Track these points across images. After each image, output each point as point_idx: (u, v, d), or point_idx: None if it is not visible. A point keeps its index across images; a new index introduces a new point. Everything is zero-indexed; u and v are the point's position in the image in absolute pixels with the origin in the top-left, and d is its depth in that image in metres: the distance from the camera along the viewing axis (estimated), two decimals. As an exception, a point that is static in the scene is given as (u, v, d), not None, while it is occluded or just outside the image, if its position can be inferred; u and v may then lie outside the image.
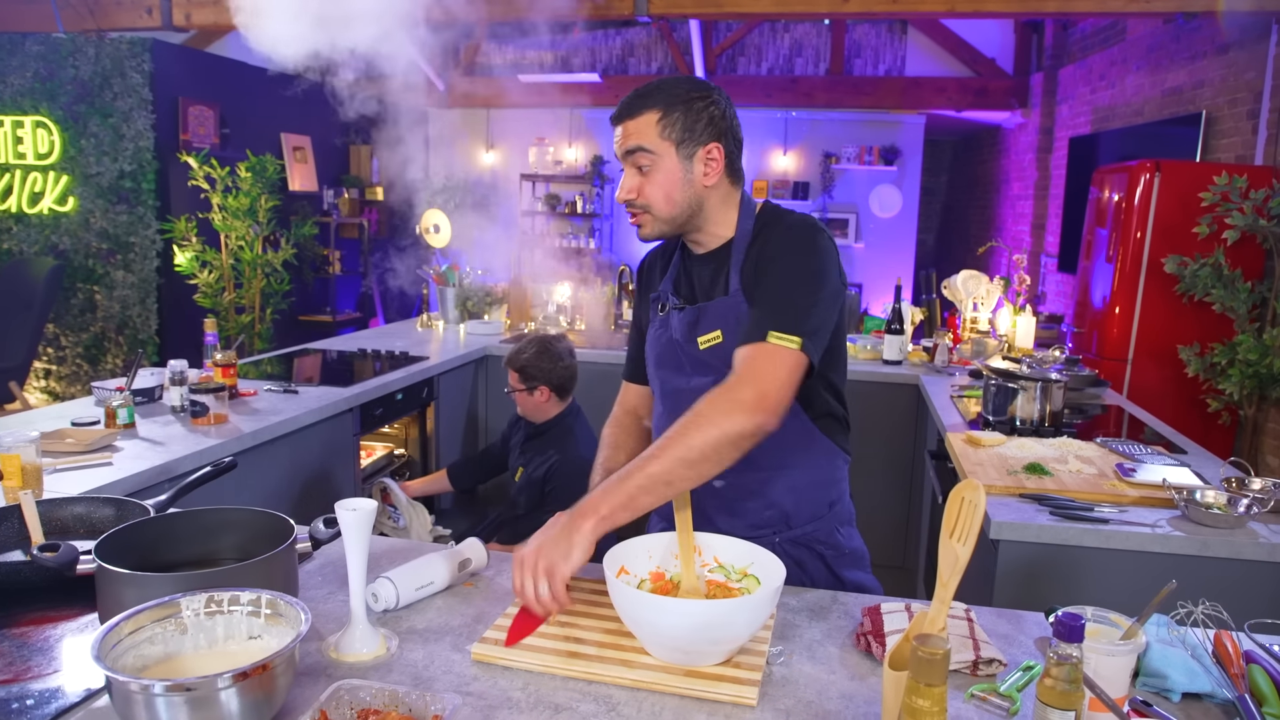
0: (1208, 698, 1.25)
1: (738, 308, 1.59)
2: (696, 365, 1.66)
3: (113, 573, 1.23)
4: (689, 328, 1.66)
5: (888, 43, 9.00)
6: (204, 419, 2.68)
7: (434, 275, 5.10)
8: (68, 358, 6.40)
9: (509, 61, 9.64)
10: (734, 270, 1.62)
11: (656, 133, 1.56)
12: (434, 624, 1.39)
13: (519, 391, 3.22)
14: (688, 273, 1.73)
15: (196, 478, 1.79)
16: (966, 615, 1.40)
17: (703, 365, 1.64)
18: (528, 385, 3.19)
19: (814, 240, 1.56)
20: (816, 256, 1.54)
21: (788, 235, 1.58)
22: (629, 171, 1.60)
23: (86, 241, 6.16)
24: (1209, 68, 5.46)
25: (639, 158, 1.57)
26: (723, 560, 1.43)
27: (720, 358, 1.58)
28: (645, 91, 1.58)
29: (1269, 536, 2.02)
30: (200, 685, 1.00)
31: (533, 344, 3.24)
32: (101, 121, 6.01)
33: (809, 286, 1.52)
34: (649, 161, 1.57)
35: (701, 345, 1.63)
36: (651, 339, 1.77)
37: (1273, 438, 4.60)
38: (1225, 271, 4.44)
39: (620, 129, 1.59)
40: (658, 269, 1.82)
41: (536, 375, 3.18)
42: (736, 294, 1.60)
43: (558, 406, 3.26)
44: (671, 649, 1.24)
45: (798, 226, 1.60)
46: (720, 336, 1.61)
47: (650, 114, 1.56)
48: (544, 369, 3.18)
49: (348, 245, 8.27)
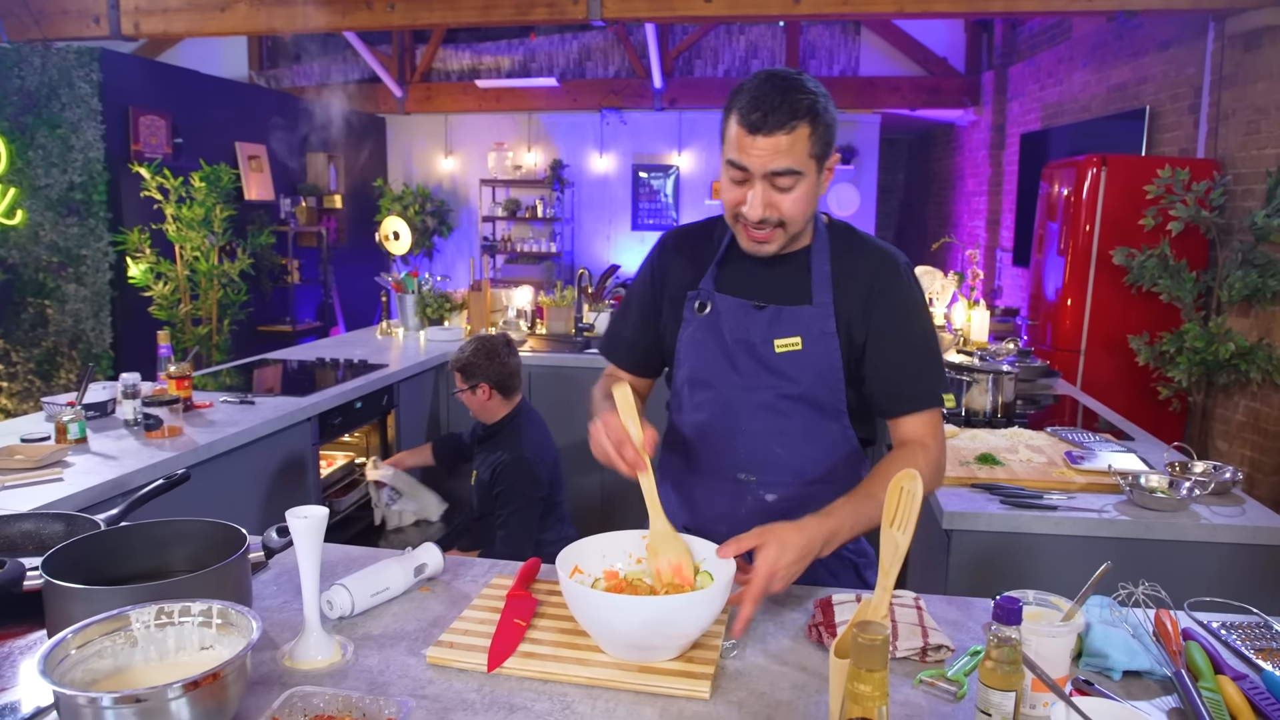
0: (1147, 675, 1.29)
1: (821, 321, 1.57)
2: (765, 370, 1.59)
3: (60, 588, 1.22)
4: (768, 327, 1.59)
5: (842, 43, 9.09)
6: (158, 432, 2.66)
7: (393, 282, 5.07)
8: (19, 374, 6.28)
9: (466, 67, 9.61)
10: (819, 284, 1.58)
11: (807, 150, 1.44)
12: (390, 629, 1.39)
13: (463, 392, 3.25)
14: (742, 272, 1.63)
15: (148, 491, 1.77)
16: (916, 604, 1.43)
17: (773, 371, 1.59)
18: (469, 384, 3.21)
19: (919, 284, 1.64)
20: (925, 301, 1.64)
21: (907, 285, 1.59)
22: (762, 187, 1.46)
23: (36, 255, 6.05)
24: (1151, 64, 5.59)
25: (784, 179, 1.45)
26: None
27: (795, 366, 1.58)
28: (792, 98, 1.41)
29: (1210, 518, 2.08)
30: (150, 696, 1.00)
31: (471, 343, 3.28)
32: (49, 133, 5.91)
33: (937, 339, 1.65)
34: (792, 182, 1.46)
35: (778, 349, 1.58)
36: (693, 339, 1.66)
37: (1221, 423, 4.71)
38: (1171, 262, 4.55)
39: (768, 142, 1.42)
40: (683, 262, 1.70)
41: (476, 373, 3.20)
42: (825, 307, 1.57)
43: (504, 406, 3.26)
44: (625, 646, 1.25)
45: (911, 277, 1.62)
46: (800, 344, 1.57)
47: (803, 128, 1.43)
48: (482, 366, 3.20)
49: (306, 254, 8.20)
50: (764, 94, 1.42)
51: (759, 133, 1.42)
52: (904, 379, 1.59)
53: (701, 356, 1.64)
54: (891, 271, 1.59)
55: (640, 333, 1.76)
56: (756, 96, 1.42)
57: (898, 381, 1.59)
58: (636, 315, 1.76)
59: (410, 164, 10.16)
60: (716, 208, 4.67)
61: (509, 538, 3.10)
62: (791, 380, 1.58)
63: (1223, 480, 2.21)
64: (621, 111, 9.46)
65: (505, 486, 3.11)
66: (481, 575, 1.60)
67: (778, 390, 1.59)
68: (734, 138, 1.46)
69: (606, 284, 5.41)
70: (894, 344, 1.58)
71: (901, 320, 1.58)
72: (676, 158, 9.70)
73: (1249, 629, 1.42)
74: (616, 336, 1.82)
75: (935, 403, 1.59)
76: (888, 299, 1.57)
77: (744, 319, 1.60)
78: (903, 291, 1.59)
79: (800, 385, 1.58)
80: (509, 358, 3.25)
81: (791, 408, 1.60)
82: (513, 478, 3.10)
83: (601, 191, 9.91)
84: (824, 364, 1.58)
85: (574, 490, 4.21)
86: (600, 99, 9.22)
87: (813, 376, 1.58)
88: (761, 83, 1.44)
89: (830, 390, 1.59)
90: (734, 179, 1.49)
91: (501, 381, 3.22)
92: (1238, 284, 4.27)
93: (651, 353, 1.77)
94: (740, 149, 1.45)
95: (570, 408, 4.32)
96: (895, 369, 1.59)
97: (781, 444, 1.62)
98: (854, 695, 0.95)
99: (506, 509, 3.11)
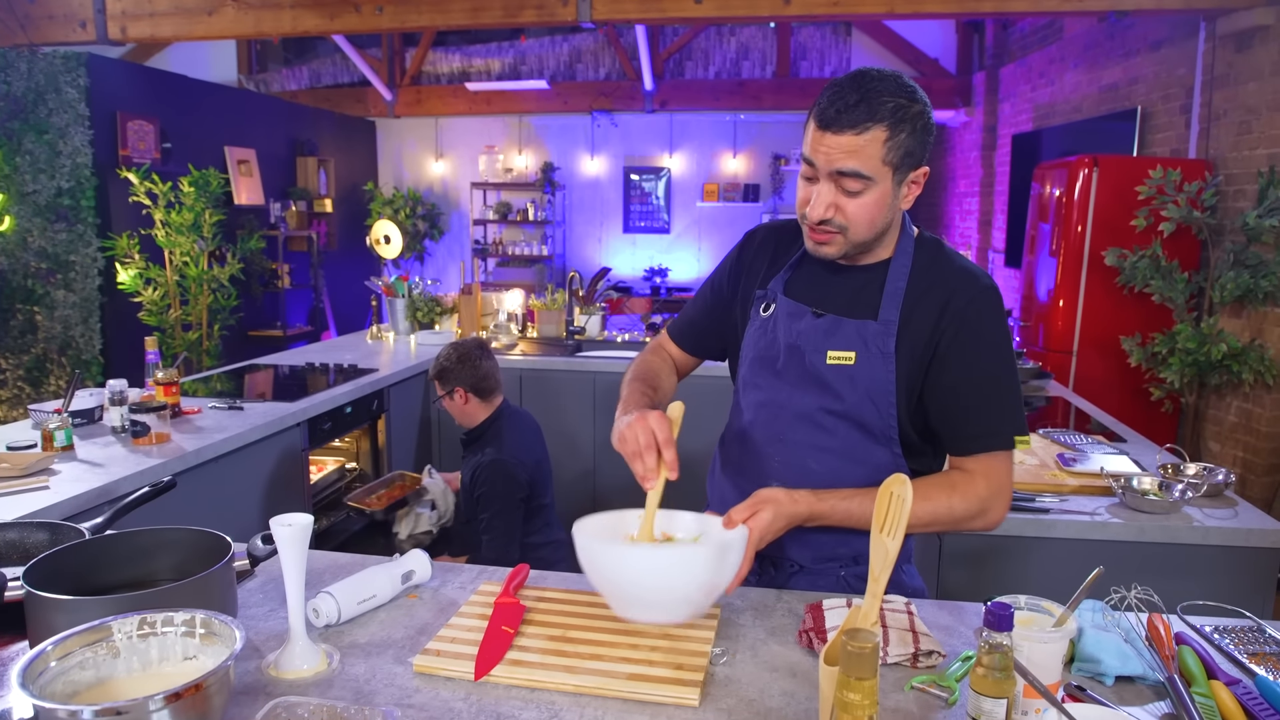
0: (1140, 680, 1.28)
1: (881, 339, 1.48)
2: (811, 380, 1.53)
3: (41, 598, 1.21)
4: (823, 337, 1.52)
5: (833, 45, 9.10)
6: (145, 439, 2.64)
7: (383, 286, 5.06)
8: (8, 381, 6.25)
9: (456, 70, 9.59)
10: (889, 300, 1.50)
11: (880, 155, 1.38)
12: (376, 637, 1.38)
13: (442, 398, 3.24)
14: (813, 277, 1.59)
15: (134, 499, 1.76)
16: (907, 608, 1.42)
17: (819, 383, 1.52)
18: (446, 390, 3.20)
19: (1002, 315, 1.51)
20: (1007, 334, 1.51)
21: (985, 315, 1.47)
22: (828, 187, 1.41)
23: (25, 261, 6.02)
24: (1143, 64, 5.60)
25: (851, 182, 1.40)
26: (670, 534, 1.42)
27: (843, 381, 1.50)
28: (873, 98, 1.36)
29: (1203, 520, 2.08)
30: (131, 708, 0.98)
31: (445, 349, 3.26)
32: (37, 138, 5.88)
33: (1016, 374, 1.51)
34: (860, 186, 1.40)
35: (830, 360, 1.51)
36: (751, 340, 1.62)
37: (1213, 424, 4.72)
38: (1163, 263, 4.55)
39: (837, 140, 1.37)
40: (764, 259, 1.66)
41: (451, 379, 3.19)
42: (889, 326, 1.48)
43: (484, 409, 3.25)
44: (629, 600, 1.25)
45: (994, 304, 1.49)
46: (854, 359, 1.49)
47: (878, 130, 1.37)
48: (456, 371, 3.18)
49: (297, 258, 8.17)
50: (844, 91, 1.37)
51: (829, 129, 1.38)
52: (971, 417, 1.48)
53: (756, 357, 1.61)
54: (970, 294, 1.47)
55: (703, 314, 1.77)
56: (837, 92, 1.38)
57: (963, 417, 1.49)
58: (705, 297, 1.76)
59: (401, 167, 10.14)
60: (708, 209, 4.69)
61: (493, 541, 3.09)
62: (837, 395, 1.51)
63: (1215, 482, 2.21)
64: (612, 114, 9.46)
65: (484, 489, 3.10)
66: (469, 582, 1.59)
67: (822, 404, 1.52)
68: (809, 133, 1.43)
69: (598, 287, 5.40)
70: (963, 375, 1.47)
71: (974, 349, 1.47)
72: (668, 160, 9.70)
73: (1242, 633, 1.41)
74: (683, 312, 1.83)
75: (1001, 445, 1.47)
76: (960, 324, 1.46)
77: (799, 324, 1.55)
78: (979, 317, 1.47)
79: (846, 402, 1.50)
80: (483, 360, 3.23)
81: (835, 424, 1.53)
82: (490, 480, 3.09)
83: (593, 194, 9.90)
84: (875, 383, 1.49)
85: (566, 493, 4.20)
86: (591, 101, 9.21)
87: (861, 394, 1.50)
88: (848, 78, 1.40)
89: (879, 412, 1.50)
90: (804, 175, 1.46)
91: (477, 385, 3.20)
92: (1230, 285, 4.27)
93: (704, 337, 1.77)
94: (811, 144, 1.41)
95: (561, 411, 4.30)
96: (961, 403, 1.48)
97: (818, 460, 1.54)
98: (844, 704, 0.95)
99: (487, 512, 3.09)
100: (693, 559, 1.24)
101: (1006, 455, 1.49)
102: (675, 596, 1.24)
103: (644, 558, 1.25)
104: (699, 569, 1.23)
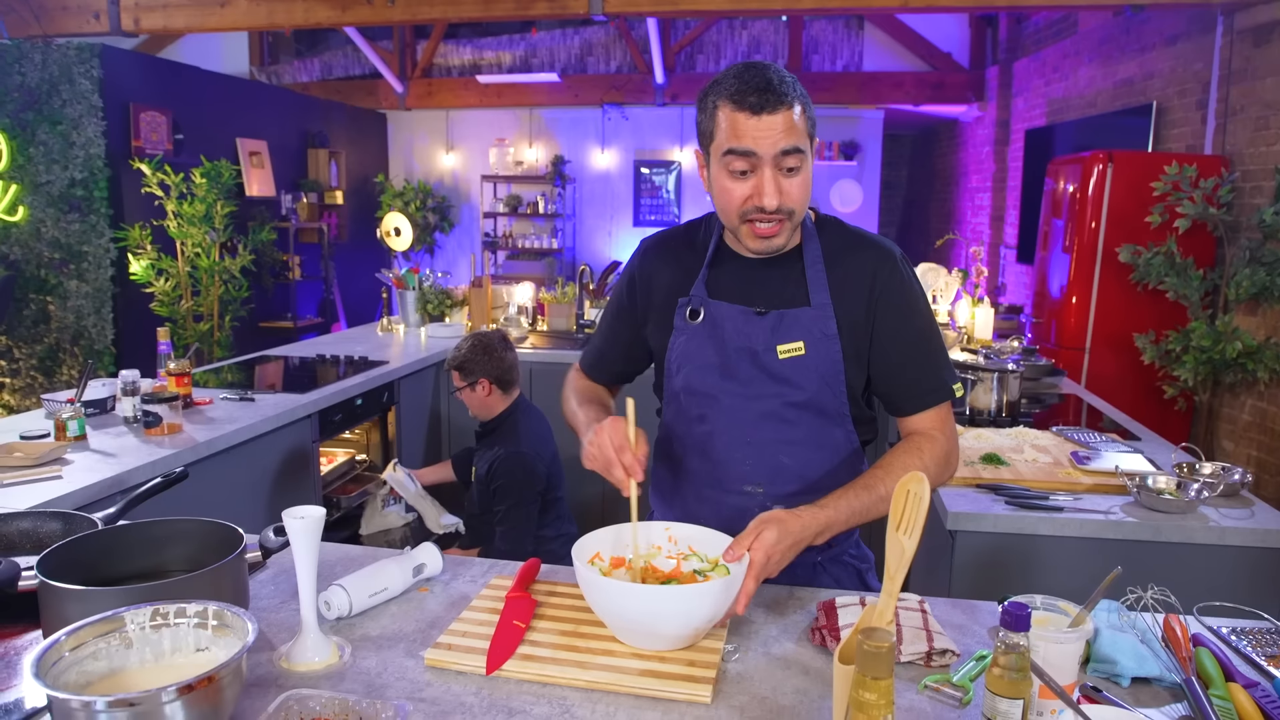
0: (1156, 681, 1.27)
1: (822, 323, 1.52)
2: (767, 377, 1.54)
3: (55, 588, 1.21)
4: (769, 333, 1.53)
5: (845, 38, 9.06)
6: (157, 429, 2.64)
7: (393, 279, 5.05)
8: (21, 370, 6.28)
9: (467, 63, 9.58)
10: (814, 284, 1.53)
11: (805, 129, 1.41)
12: (388, 630, 1.38)
13: (463, 390, 3.24)
14: (732, 277, 1.59)
15: (147, 489, 1.76)
16: (920, 607, 1.41)
17: (776, 378, 1.54)
18: (469, 381, 3.21)
19: (916, 276, 1.60)
20: (924, 292, 1.59)
21: (907, 279, 1.55)
22: (773, 174, 1.41)
23: (38, 251, 6.05)
24: (1158, 59, 5.56)
25: (793, 159, 1.41)
26: (697, 549, 1.44)
27: (799, 371, 1.53)
28: (783, 79, 1.39)
29: (1219, 520, 2.06)
30: (144, 700, 0.98)
31: (467, 340, 3.28)
32: (50, 129, 5.90)
33: (937, 326, 1.60)
34: (799, 162, 1.42)
35: (782, 355, 1.53)
36: (687, 348, 1.60)
37: (1227, 422, 4.69)
38: (1177, 260, 4.52)
39: (774, 120, 1.38)
40: (667, 269, 1.65)
41: (475, 370, 3.20)
42: (824, 309, 1.52)
43: (503, 401, 3.26)
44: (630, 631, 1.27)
45: (909, 269, 1.57)
46: (803, 349, 1.52)
47: (799, 105, 1.40)
48: (481, 362, 3.19)
49: (308, 250, 8.19)
50: (750, 77, 1.39)
51: (763, 112, 1.37)
52: (916, 376, 1.56)
53: (698, 365, 1.59)
54: (891, 267, 1.54)
55: (610, 344, 1.77)
56: (744, 80, 1.39)
57: (909, 379, 1.56)
58: (608, 324, 1.77)
59: (411, 160, 10.14)
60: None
61: (508, 533, 3.10)
62: (796, 387, 1.54)
63: (1231, 482, 2.19)
64: (623, 107, 9.44)
65: (502, 481, 3.10)
66: (480, 575, 1.58)
67: (783, 398, 1.55)
68: (730, 126, 1.40)
69: (608, 280, 5.39)
70: (901, 342, 1.55)
71: (906, 317, 1.55)
72: (679, 153, 9.67)
73: (1260, 635, 1.40)
74: (590, 346, 1.83)
75: (947, 396, 1.57)
76: (890, 296, 1.53)
77: (745, 326, 1.55)
78: (903, 287, 1.55)
79: (805, 391, 1.54)
80: (505, 352, 3.24)
81: (797, 415, 1.55)
82: (509, 472, 3.09)
83: (603, 187, 9.88)
84: (827, 367, 1.53)
85: (576, 489, 4.20)
86: (602, 94, 9.19)
87: (817, 381, 1.54)
88: (741, 70, 1.41)
89: (834, 394, 1.55)
90: (737, 170, 1.43)
91: (500, 376, 3.22)
92: (1245, 282, 4.24)
93: (618, 362, 1.77)
94: (742, 134, 1.39)
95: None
96: (905, 367, 1.56)
97: (788, 453, 1.57)
98: (859, 704, 0.94)
99: (504, 504, 3.10)
100: (695, 597, 1.24)
101: (949, 405, 1.59)
102: (674, 631, 1.25)
103: (645, 597, 1.26)
104: (702, 606, 1.24)
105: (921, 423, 1.57)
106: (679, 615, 1.23)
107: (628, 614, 1.26)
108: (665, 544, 1.46)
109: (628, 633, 1.28)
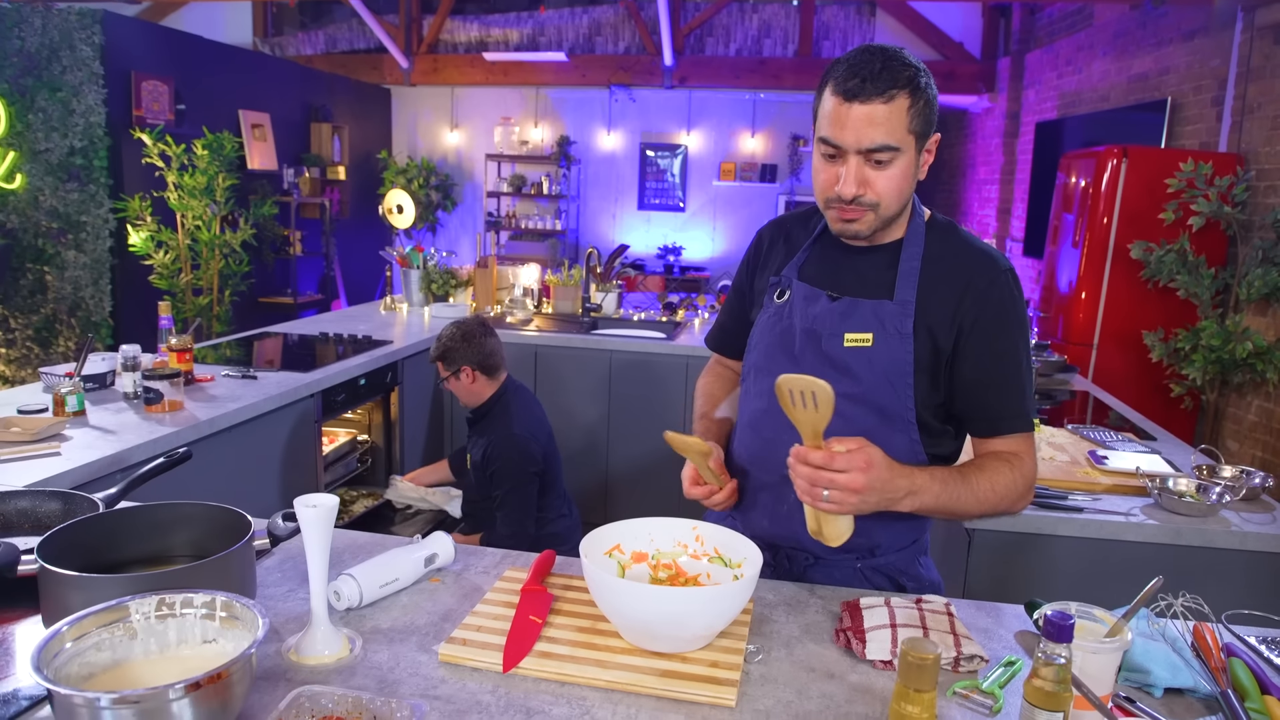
0: (1190, 692, 1.24)
1: (898, 320, 1.46)
2: (826, 364, 1.48)
3: (56, 574, 1.16)
4: (839, 319, 1.49)
5: (856, 25, 8.97)
6: (158, 406, 2.59)
7: (397, 257, 5.00)
8: (17, 340, 6.21)
9: (474, 39, 9.48)
10: (904, 279, 1.47)
11: (905, 124, 1.37)
12: (399, 623, 1.34)
13: (448, 379, 3.20)
14: (829, 261, 1.56)
15: (149, 469, 1.71)
16: (947, 610, 1.37)
17: (836, 367, 1.48)
18: (452, 370, 3.17)
19: (1021, 296, 1.50)
20: (1025, 317, 1.50)
21: (1007, 297, 1.46)
22: (857, 164, 1.38)
23: (36, 220, 5.97)
24: (1175, 54, 5.49)
25: (880, 154, 1.37)
26: (721, 552, 1.40)
27: (861, 363, 1.47)
28: (892, 68, 1.35)
29: (1241, 525, 2.03)
30: (150, 697, 0.94)
31: (445, 330, 3.23)
32: (50, 96, 5.81)
33: (1031, 353, 1.53)
34: (889, 156, 1.38)
35: (847, 343, 1.47)
36: (765, 326, 1.59)
37: (1233, 422, 4.66)
38: (1190, 258, 4.48)
39: (865, 111, 1.35)
40: (778, 251, 1.64)
41: (456, 358, 3.16)
42: (906, 306, 1.46)
43: (490, 386, 3.22)
44: (638, 633, 1.24)
45: (1014, 286, 1.47)
46: (870, 341, 1.47)
47: (902, 99, 1.35)
48: (462, 350, 3.15)
49: (309, 225, 8.11)
50: (863, 62, 1.35)
51: (856, 100, 1.35)
52: (992, 399, 1.47)
53: (767, 344, 1.58)
54: (990, 280, 1.45)
55: (731, 318, 1.77)
56: (854, 64, 1.36)
57: (984, 400, 1.48)
58: (731, 302, 1.77)
59: (415, 137, 10.04)
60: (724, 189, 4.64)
61: (508, 516, 3.07)
62: (854, 378, 1.47)
63: (1253, 485, 2.16)
64: (631, 88, 9.34)
65: (499, 465, 3.07)
66: (493, 566, 1.54)
67: (838, 388, 1.44)
68: (828, 111, 1.38)
69: (615, 264, 5.33)
70: (990, 358, 1.46)
71: (993, 335, 1.45)
72: (685, 137, 9.59)
73: (1293, 645, 1.36)
74: (715, 321, 1.83)
75: (1025, 427, 1.48)
76: (982, 310, 1.44)
77: (814, 308, 1.52)
78: (1000, 303, 1.45)
79: (863, 384, 1.47)
80: (486, 338, 3.19)
81: (852, 409, 1.47)
82: (505, 455, 3.07)
83: (608, 169, 9.81)
84: (892, 365, 1.46)
85: (577, 474, 4.16)
86: (609, 75, 9.10)
87: (878, 376, 1.46)
88: (860, 52, 1.38)
89: (897, 394, 1.47)
90: (826, 155, 1.41)
91: (483, 362, 3.17)
92: (1257, 282, 4.20)
93: (739, 336, 1.73)
94: (835, 120, 1.37)
95: (576, 389, 4.26)
96: (986, 387, 1.47)
97: None
98: (901, 715, 0.90)
99: (503, 487, 3.07)
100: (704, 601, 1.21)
101: (1031, 436, 1.52)
102: (685, 635, 1.22)
103: (656, 598, 1.21)
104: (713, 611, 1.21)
105: (1003, 445, 1.49)
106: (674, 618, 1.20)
107: (626, 613, 1.22)
108: (692, 543, 1.42)
109: (628, 631, 1.25)
